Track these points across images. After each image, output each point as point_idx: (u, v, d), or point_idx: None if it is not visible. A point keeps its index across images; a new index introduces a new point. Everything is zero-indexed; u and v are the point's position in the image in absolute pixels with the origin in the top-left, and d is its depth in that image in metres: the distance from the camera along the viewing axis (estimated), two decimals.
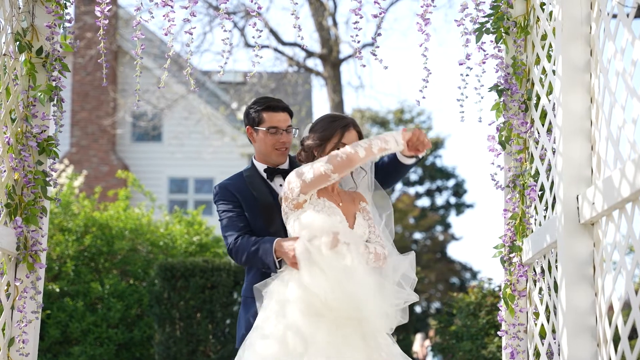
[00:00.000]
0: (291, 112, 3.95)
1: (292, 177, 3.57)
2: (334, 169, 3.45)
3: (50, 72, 3.89)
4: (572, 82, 3.05)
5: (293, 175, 3.57)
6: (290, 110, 3.96)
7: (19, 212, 3.77)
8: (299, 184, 3.51)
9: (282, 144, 3.88)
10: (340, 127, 3.64)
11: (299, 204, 3.53)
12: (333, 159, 3.46)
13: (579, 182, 3.04)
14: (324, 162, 3.48)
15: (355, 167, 3.58)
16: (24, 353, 3.71)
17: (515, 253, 3.85)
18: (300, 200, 3.53)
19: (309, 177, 3.48)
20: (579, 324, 3.00)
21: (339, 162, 3.45)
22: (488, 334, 7.71)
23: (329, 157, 3.48)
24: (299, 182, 3.51)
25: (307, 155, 3.67)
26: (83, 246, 8.48)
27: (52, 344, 8.07)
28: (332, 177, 3.46)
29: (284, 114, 3.90)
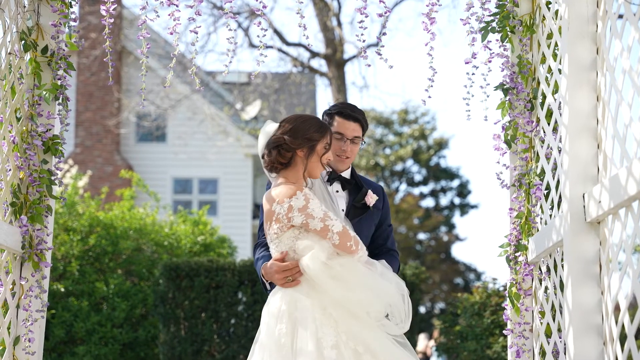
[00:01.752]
0: (364, 125, 3.90)
1: (292, 212, 3.39)
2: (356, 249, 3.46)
3: (55, 71, 3.89)
4: (578, 81, 3.05)
5: (292, 209, 3.38)
6: (363, 120, 3.89)
7: (24, 211, 3.77)
8: (302, 221, 3.39)
9: (343, 152, 3.83)
10: (326, 130, 3.57)
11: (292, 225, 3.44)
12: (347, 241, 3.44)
13: (585, 181, 3.03)
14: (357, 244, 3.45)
15: None
16: (30, 352, 3.71)
17: (520, 252, 3.84)
18: (293, 223, 3.41)
19: (319, 226, 3.38)
20: (585, 322, 3.00)
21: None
22: (493, 333, 7.70)
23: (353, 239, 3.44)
24: (302, 218, 3.38)
25: (284, 154, 3.47)
26: (88, 246, 8.49)
27: (57, 344, 8.08)
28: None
29: (354, 124, 3.85)
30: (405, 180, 31.03)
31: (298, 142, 3.46)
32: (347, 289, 3.36)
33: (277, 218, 3.38)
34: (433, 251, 29.89)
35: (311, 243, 3.39)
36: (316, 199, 3.42)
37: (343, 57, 18.38)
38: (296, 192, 3.36)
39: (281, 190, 3.41)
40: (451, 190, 31.03)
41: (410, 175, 30.99)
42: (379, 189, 4.04)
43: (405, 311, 3.50)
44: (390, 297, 3.44)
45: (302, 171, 3.50)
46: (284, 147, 3.46)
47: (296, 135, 3.47)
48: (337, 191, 3.90)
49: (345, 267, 3.39)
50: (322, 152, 3.52)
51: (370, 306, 3.39)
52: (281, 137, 3.48)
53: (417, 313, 8.87)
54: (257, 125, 22.26)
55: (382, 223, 4.01)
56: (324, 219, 3.35)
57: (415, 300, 8.67)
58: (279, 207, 3.37)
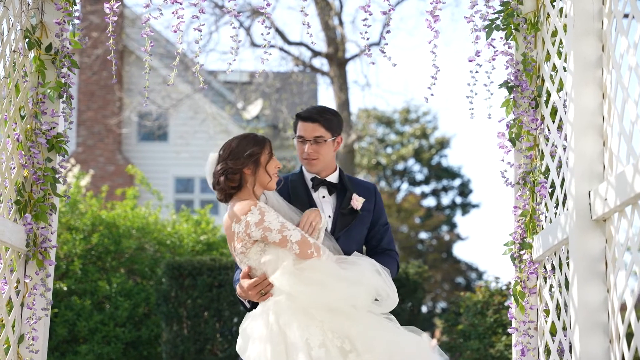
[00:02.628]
0: (325, 123, 3.83)
1: (249, 228, 3.41)
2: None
3: (59, 69, 3.89)
4: (583, 78, 3.04)
5: (251, 226, 3.40)
6: (322, 119, 3.82)
7: (29, 209, 3.77)
8: (261, 236, 3.41)
9: (307, 154, 3.79)
10: (264, 141, 3.59)
11: (255, 240, 3.44)
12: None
13: (590, 178, 3.03)
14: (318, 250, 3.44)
15: None
16: (34, 350, 3.71)
17: (525, 250, 3.83)
18: (254, 238, 3.43)
19: (277, 238, 3.40)
20: (591, 320, 2.99)
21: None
22: (495, 332, 7.70)
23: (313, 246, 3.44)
24: (261, 233, 3.40)
25: (232, 178, 3.50)
26: (90, 245, 8.48)
27: (60, 343, 8.07)
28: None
29: (312, 124, 3.80)
30: (406, 180, 31.01)
31: (241, 162, 3.51)
32: (325, 291, 3.36)
33: (238, 237, 3.42)
34: (434, 250, 29.86)
35: (273, 257, 3.41)
36: (272, 211, 3.43)
37: (345, 56, 18.36)
38: (250, 207, 3.41)
39: (236, 209, 3.45)
40: (453, 190, 31.00)
41: (412, 175, 30.97)
42: (370, 189, 3.98)
43: (387, 287, 3.51)
44: (370, 282, 3.44)
45: (253, 187, 3.55)
46: (229, 171, 3.50)
47: (237, 156, 3.52)
48: (324, 196, 3.86)
49: (315, 269, 3.39)
50: (266, 162, 3.56)
51: (353, 299, 3.39)
52: (224, 163, 3.53)
53: (420, 312, 8.86)
54: (258, 124, 22.26)
55: (375, 224, 3.95)
56: (281, 230, 3.38)
57: (418, 299, 8.67)
58: (237, 226, 3.42)
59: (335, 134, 3.86)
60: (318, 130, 3.81)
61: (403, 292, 8.60)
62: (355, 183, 3.96)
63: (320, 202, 3.86)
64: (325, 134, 3.82)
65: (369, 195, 3.93)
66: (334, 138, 3.85)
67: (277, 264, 3.41)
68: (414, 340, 3.49)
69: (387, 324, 3.49)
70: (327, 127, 3.82)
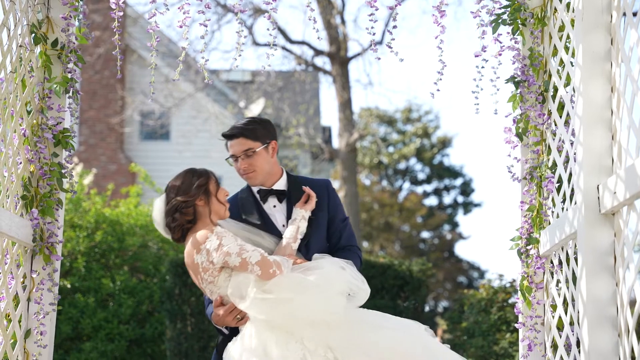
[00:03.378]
0: (249, 133, 3.73)
1: (210, 255, 3.38)
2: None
3: (65, 64, 3.89)
4: (592, 71, 3.03)
5: (211, 253, 3.37)
6: (245, 132, 3.73)
7: (35, 204, 3.77)
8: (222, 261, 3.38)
9: (243, 170, 3.73)
10: (207, 172, 3.58)
11: (221, 267, 3.42)
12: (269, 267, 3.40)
13: (599, 172, 3.02)
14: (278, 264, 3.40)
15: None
16: (42, 345, 3.71)
17: (532, 245, 3.83)
18: (217, 265, 3.40)
19: (237, 262, 3.36)
20: (599, 314, 2.98)
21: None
22: (500, 330, 7.70)
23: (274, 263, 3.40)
24: (222, 259, 3.37)
25: (186, 212, 3.47)
26: (94, 242, 8.49)
27: (64, 340, 8.08)
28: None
29: (236, 140, 3.73)
30: (408, 179, 31.01)
31: (192, 194, 3.49)
32: (297, 307, 3.31)
33: (203, 268, 3.40)
34: (436, 249, 29.87)
35: (235, 288, 3.36)
36: (230, 235, 3.41)
37: (347, 54, 18.36)
38: (207, 234, 3.39)
39: (194, 240, 3.43)
40: (455, 189, 31.01)
41: (414, 174, 30.98)
42: (322, 186, 3.90)
43: (355, 280, 3.47)
44: (338, 282, 3.41)
45: (208, 218, 3.51)
46: (182, 206, 3.48)
47: (186, 190, 3.50)
48: (274, 206, 3.81)
49: (281, 288, 3.34)
50: (216, 191, 3.54)
51: (328, 306, 3.34)
52: (174, 200, 3.50)
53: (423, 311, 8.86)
54: None
55: (332, 221, 3.87)
56: (240, 253, 3.35)
57: (421, 296, 8.67)
58: (199, 257, 3.40)
59: (266, 141, 3.77)
60: (244, 144, 3.73)
61: (406, 290, 8.60)
62: (307, 182, 3.87)
63: (272, 213, 3.80)
64: (253, 144, 3.73)
65: (321, 192, 3.85)
66: (266, 145, 3.76)
67: (242, 292, 3.35)
68: (401, 334, 3.40)
69: (371, 320, 3.43)
70: (252, 137, 3.74)
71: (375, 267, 8.54)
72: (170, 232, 3.53)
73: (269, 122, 3.88)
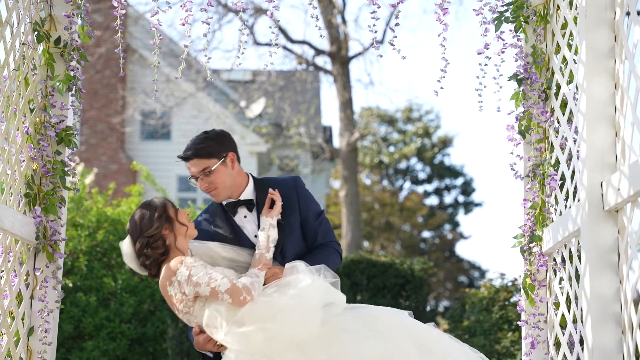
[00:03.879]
0: (201, 153, 3.63)
1: (182, 287, 3.38)
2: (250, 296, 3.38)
3: (68, 62, 3.89)
4: (596, 68, 3.04)
5: (184, 286, 3.38)
6: (197, 152, 3.63)
7: (38, 201, 3.77)
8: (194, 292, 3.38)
9: (205, 189, 3.65)
10: (162, 200, 3.56)
11: (194, 297, 3.41)
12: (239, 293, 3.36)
13: (602, 169, 3.02)
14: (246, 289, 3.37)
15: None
16: (47, 342, 3.71)
17: (535, 243, 3.83)
18: (190, 296, 3.39)
19: (207, 291, 3.34)
20: (603, 311, 2.99)
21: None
22: (501, 328, 7.69)
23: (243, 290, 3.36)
24: (193, 290, 3.37)
25: (156, 245, 3.47)
26: (95, 241, 8.49)
27: (65, 339, 8.08)
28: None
29: (191, 161, 3.65)
30: (409, 179, 31.01)
31: (156, 226, 3.47)
32: (270, 336, 3.27)
33: (177, 299, 3.40)
34: (437, 249, 29.87)
35: (209, 316, 3.34)
36: (199, 264, 3.39)
37: (348, 54, 18.36)
38: (177, 266, 3.38)
39: (165, 272, 3.43)
40: (455, 189, 31.00)
41: (415, 174, 30.97)
42: (289, 186, 3.78)
43: (330, 294, 3.42)
44: (314, 297, 3.36)
45: (178, 246, 3.49)
46: (150, 241, 3.47)
47: (149, 224, 3.48)
48: (245, 216, 3.73)
49: (253, 317, 3.30)
50: (176, 215, 3.52)
51: (303, 326, 3.30)
52: (141, 238, 3.48)
53: (424, 310, 8.86)
54: (261, 123, 22.26)
55: (305, 220, 3.76)
56: (209, 282, 3.33)
57: (423, 295, 8.67)
58: (172, 289, 3.40)
59: (222, 155, 3.65)
60: (199, 164, 3.63)
61: (408, 289, 8.59)
62: (275, 185, 3.76)
63: (243, 224, 3.73)
64: (209, 162, 3.63)
65: (290, 194, 3.74)
66: (223, 160, 3.65)
67: (215, 323, 3.34)
68: (383, 343, 3.34)
69: (355, 329, 3.37)
70: (207, 156, 3.63)
71: (377, 266, 8.53)
72: (146, 270, 3.52)
73: (223, 134, 3.74)
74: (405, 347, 3.34)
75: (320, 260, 3.64)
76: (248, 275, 3.44)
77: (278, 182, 3.80)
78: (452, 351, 3.40)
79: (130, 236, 3.52)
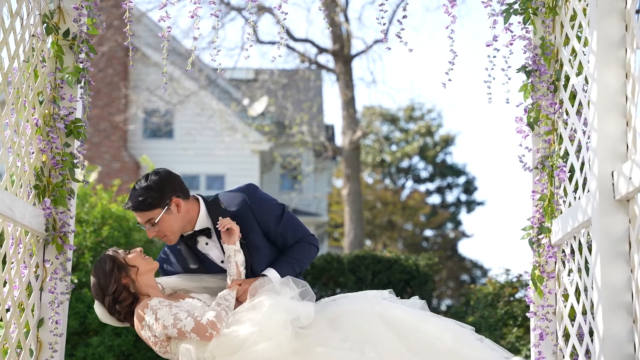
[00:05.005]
0: (144, 206, 3.56)
1: (152, 330, 3.41)
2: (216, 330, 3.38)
3: (77, 54, 3.89)
4: (607, 58, 3.04)
5: (153, 329, 3.41)
6: (140, 206, 3.56)
7: (47, 193, 3.77)
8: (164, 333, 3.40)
9: (155, 235, 3.61)
10: (109, 254, 3.57)
11: (167, 336, 3.43)
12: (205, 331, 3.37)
13: (613, 158, 3.02)
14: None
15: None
16: (57, 333, 3.71)
17: (544, 234, 3.82)
18: (161, 337, 3.43)
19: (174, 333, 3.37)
20: (614, 301, 2.99)
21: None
22: (506, 324, 7.69)
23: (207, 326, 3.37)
24: (163, 331, 3.40)
25: (123, 298, 3.50)
26: (100, 237, 8.49)
27: (71, 335, 8.08)
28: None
29: (136, 213, 3.61)
30: (411, 177, 31.01)
31: (114, 280, 3.50)
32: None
33: (152, 342, 3.44)
34: (439, 248, 29.87)
35: (182, 353, 3.37)
36: (164, 306, 3.40)
37: (350, 52, 18.37)
38: (144, 310, 3.42)
39: (136, 318, 3.47)
40: (457, 187, 31.01)
41: (417, 172, 30.98)
42: (240, 201, 3.66)
43: (289, 306, 3.43)
44: (280, 318, 3.36)
45: (142, 289, 3.52)
46: (116, 296, 3.50)
47: (107, 281, 3.51)
48: (207, 243, 3.71)
49: (220, 351, 3.33)
50: (126, 261, 3.55)
51: (273, 349, 3.30)
52: (107, 297, 3.51)
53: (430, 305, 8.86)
54: (264, 121, 22.27)
55: (268, 232, 3.69)
56: (175, 324, 3.36)
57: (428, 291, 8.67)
58: (144, 333, 3.45)
59: (165, 203, 3.57)
60: (144, 216, 3.58)
61: (413, 284, 8.59)
62: (227, 205, 3.68)
63: (207, 252, 3.70)
64: (153, 214, 3.56)
65: (244, 212, 3.64)
66: (167, 208, 3.57)
67: (189, 357, 3.36)
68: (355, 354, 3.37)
69: (327, 341, 3.39)
70: (149, 208, 3.56)
71: (382, 262, 8.53)
72: (125, 322, 3.56)
73: (164, 179, 3.62)
74: (378, 338, 3.38)
75: (293, 261, 3.65)
76: (216, 302, 3.47)
77: (229, 199, 3.70)
78: (426, 328, 3.42)
79: (97, 300, 3.57)
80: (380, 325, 3.44)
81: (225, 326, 3.37)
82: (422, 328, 3.42)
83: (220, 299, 3.49)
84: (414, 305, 3.66)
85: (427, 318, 3.55)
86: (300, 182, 23.49)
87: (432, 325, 3.47)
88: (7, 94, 3.48)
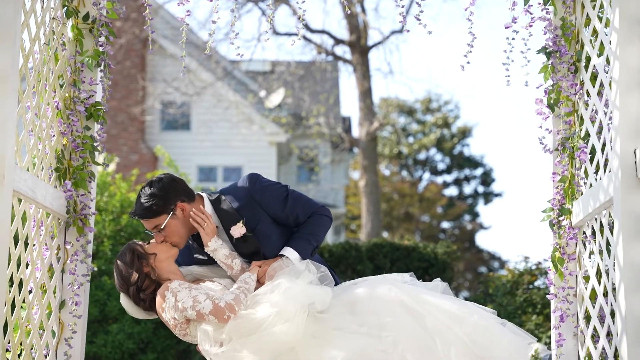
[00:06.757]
0: (149, 214, 3.58)
1: (172, 312, 3.43)
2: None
3: (97, 38, 3.91)
4: (629, 35, 3.01)
5: (172, 312, 3.43)
6: (145, 213, 3.59)
7: (68, 176, 3.80)
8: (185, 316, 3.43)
9: (162, 240, 3.60)
10: (128, 245, 3.59)
11: (186, 319, 3.45)
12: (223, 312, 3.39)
13: (636, 136, 3.00)
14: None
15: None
16: (77, 315, 3.74)
17: (564, 216, 3.81)
18: (180, 320, 3.45)
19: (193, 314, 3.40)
20: (636, 280, 2.97)
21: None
22: (525, 312, 7.67)
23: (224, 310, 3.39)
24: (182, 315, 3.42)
25: (146, 285, 3.53)
26: (120, 226, 8.54)
27: (91, 322, 8.14)
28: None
29: (142, 221, 3.63)
30: (428, 169, 30.94)
31: (136, 269, 3.52)
32: (258, 348, 3.30)
33: (172, 325, 3.46)
34: (457, 240, 29.80)
35: (200, 336, 3.40)
36: (183, 289, 3.42)
37: (367, 43, 18.32)
38: (164, 293, 3.43)
39: (157, 302, 3.49)
40: (475, 179, 30.91)
41: (434, 164, 30.90)
42: (246, 197, 3.64)
43: (306, 290, 3.42)
44: (296, 303, 3.36)
45: (163, 275, 3.53)
46: (139, 286, 3.52)
47: (130, 270, 3.52)
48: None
49: (237, 333, 3.34)
50: (145, 251, 3.56)
51: (289, 332, 3.31)
52: (131, 287, 3.52)
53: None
54: (280, 113, 22.28)
55: (278, 217, 3.67)
56: (194, 306, 3.38)
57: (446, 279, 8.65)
58: (165, 315, 3.46)
59: (170, 209, 3.58)
60: (150, 223, 3.60)
61: (432, 272, 8.58)
62: (231, 200, 3.67)
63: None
64: (159, 220, 3.58)
65: (247, 203, 3.64)
66: (172, 213, 3.58)
67: (205, 343, 3.39)
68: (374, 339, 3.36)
69: (346, 325, 3.39)
70: (154, 215, 3.57)
71: (400, 249, 8.53)
72: (151, 311, 3.57)
73: (167, 185, 3.62)
74: (396, 322, 3.37)
75: (307, 236, 3.64)
76: (236, 285, 3.49)
77: (232, 192, 3.69)
78: (447, 308, 3.40)
79: (122, 293, 3.59)
80: (398, 309, 3.44)
81: (243, 308, 3.39)
82: (443, 307, 3.41)
83: (241, 282, 3.51)
84: (436, 288, 3.64)
85: (449, 300, 3.53)
86: (317, 174, 23.50)
87: (454, 306, 3.45)
88: (29, 76, 3.50)
